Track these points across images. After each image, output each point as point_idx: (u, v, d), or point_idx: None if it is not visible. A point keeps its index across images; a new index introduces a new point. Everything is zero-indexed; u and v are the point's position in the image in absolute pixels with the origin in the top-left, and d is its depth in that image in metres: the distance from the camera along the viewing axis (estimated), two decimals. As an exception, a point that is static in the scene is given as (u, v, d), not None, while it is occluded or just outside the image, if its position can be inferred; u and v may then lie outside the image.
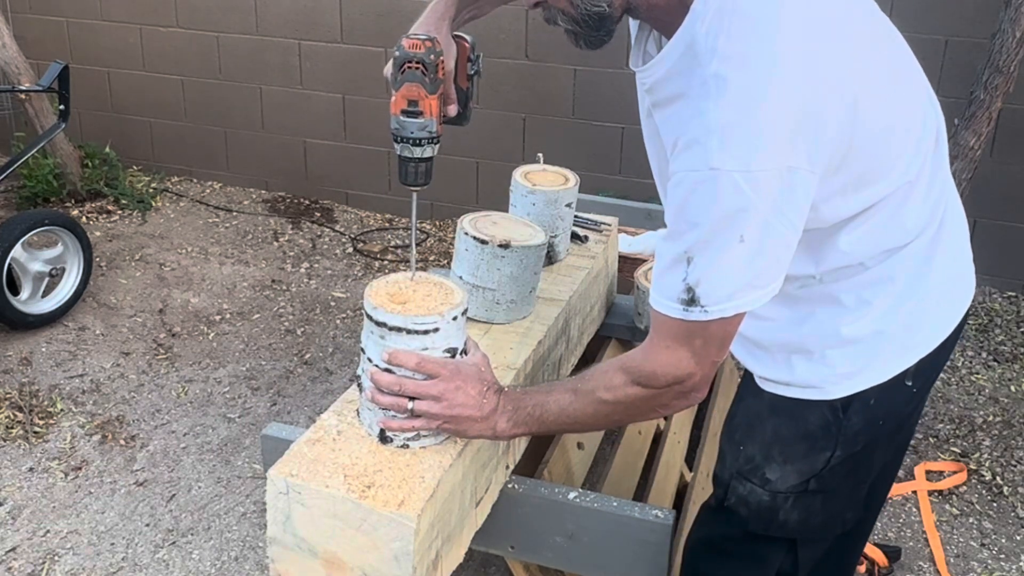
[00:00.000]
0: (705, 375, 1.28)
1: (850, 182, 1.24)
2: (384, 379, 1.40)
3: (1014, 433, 3.06)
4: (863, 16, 1.28)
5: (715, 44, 1.16)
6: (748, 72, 1.13)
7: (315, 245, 4.43)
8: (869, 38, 1.27)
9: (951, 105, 3.70)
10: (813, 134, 1.14)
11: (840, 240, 1.30)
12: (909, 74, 1.34)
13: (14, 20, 4.87)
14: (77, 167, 4.66)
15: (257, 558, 2.48)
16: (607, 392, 1.34)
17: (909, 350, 1.40)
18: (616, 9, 1.25)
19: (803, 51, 1.14)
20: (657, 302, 1.25)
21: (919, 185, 1.32)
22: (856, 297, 1.35)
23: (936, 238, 1.39)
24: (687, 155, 1.17)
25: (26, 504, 2.65)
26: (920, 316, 1.39)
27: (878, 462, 1.49)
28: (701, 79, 1.16)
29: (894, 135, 1.26)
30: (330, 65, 4.60)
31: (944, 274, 1.42)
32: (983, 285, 4.02)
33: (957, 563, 2.51)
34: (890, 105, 1.25)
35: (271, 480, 1.39)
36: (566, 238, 2.24)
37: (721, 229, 1.15)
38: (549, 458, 2.03)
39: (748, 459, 1.46)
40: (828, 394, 1.39)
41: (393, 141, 1.45)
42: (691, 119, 1.17)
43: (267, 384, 3.29)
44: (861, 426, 1.40)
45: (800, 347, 1.36)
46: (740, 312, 1.21)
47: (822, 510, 1.47)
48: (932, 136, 1.35)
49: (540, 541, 1.76)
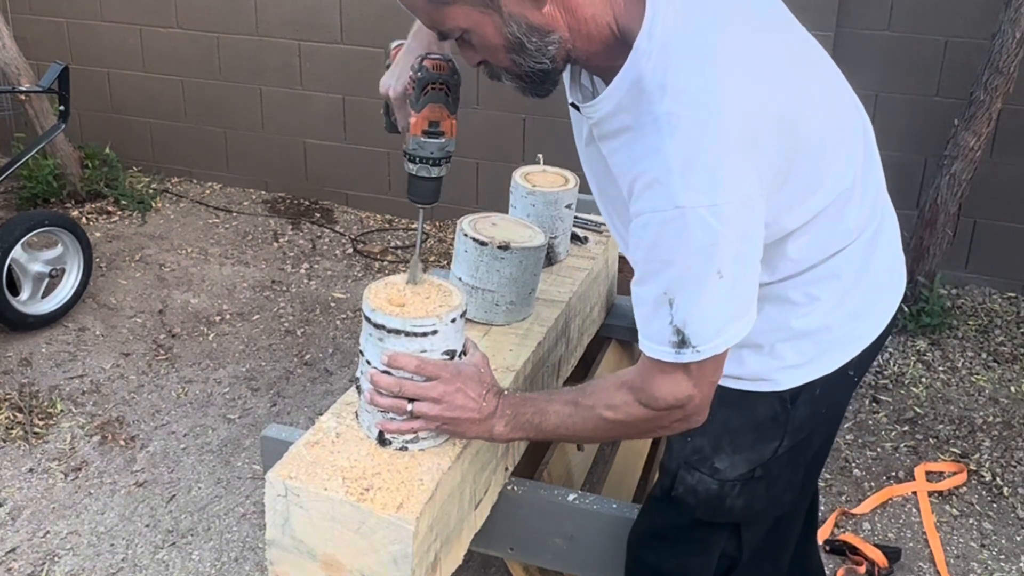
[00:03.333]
0: (705, 396, 1.30)
1: (794, 198, 1.28)
2: (383, 381, 1.40)
3: (1014, 434, 3.06)
4: (793, 40, 1.32)
5: (664, 81, 1.18)
6: (697, 108, 1.16)
7: (315, 246, 4.43)
8: (801, 58, 1.31)
9: (951, 105, 3.71)
10: (759, 159, 1.19)
11: (788, 249, 1.34)
12: (836, 85, 1.38)
13: (14, 21, 4.87)
14: (77, 168, 4.66)
15: (257, 559, 2.48)
16: (608, 410, 1.35)
17: (854, 341, 1.47)
18: (559, 63, 1.27)
19: (743, 82, 1.18)
20: (648, 348, 1.27)
21: (856, 188, 1.37)
22: (804, 294, 1.40)
23: (876, 234, 1.45)
24: (649, 195, 1.19)
25: (26, 505, 2.65)
26: (864, 307, 1.46)
27: (815, 447, 1.57)
28: (653, 116, 1.19)
29: (828, 146, 1.31)
30: (330, 65, 4.59)
31: (883, 267, 1.49)
32: (983, 286, 4.02)
33: (957, 564, 2.51)
34: (823, 120, 1.30)
35: (270, 482, 1.39)
36: (566, 239, 2.24)
37: (695, 265, 1.18)
38: (549, 460, 2.03)
39: (696, 449, 1.49)
40: (778, 386, 1.44)
41: (408, 161, 1.44)
42: (646, 156, 1.19)
43: (267, 385, 3.29)
44: (807, 416, 1.46)
45: (750, 342, 1.38)
46: (731, 345, 1.25)
47: (765, 495, 1.52)
48: (860, 140, 1.40)
49: (539, 543, 1.76)
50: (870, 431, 3.08)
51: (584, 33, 1.24)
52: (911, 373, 3.41)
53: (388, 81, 1.52)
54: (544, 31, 1.22)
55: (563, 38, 1.24)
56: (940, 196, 3.55)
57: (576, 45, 1.25)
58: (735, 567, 1.57)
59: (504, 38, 1.22)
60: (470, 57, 1.30)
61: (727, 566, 1.58)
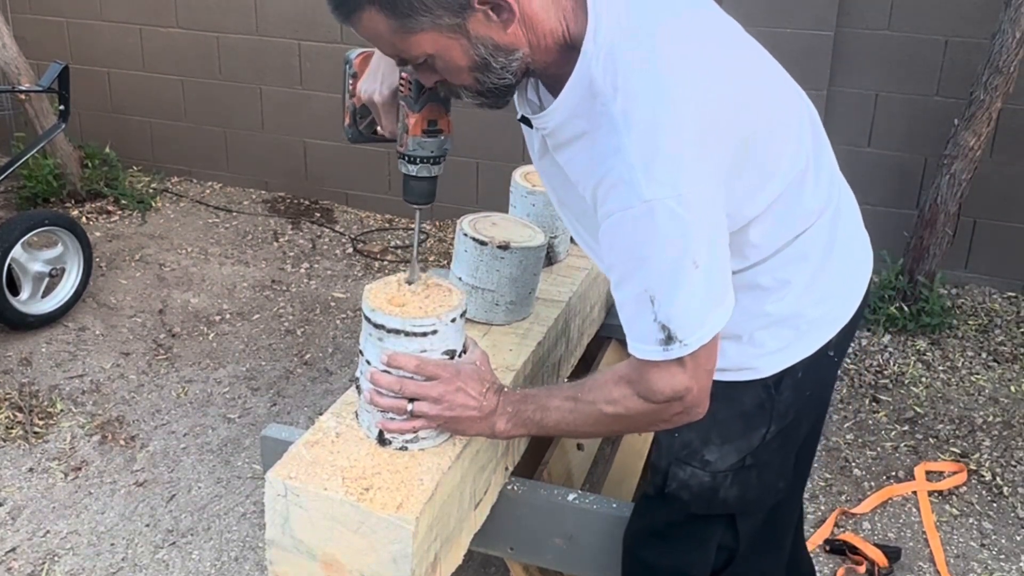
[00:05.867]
0: (702, 386, 1.31)
1: (752, 183, 1.30)
2: (384, 380, 1.41)
3: (1014, 433, 3.06)
4: (728, 33, 1.35)
5: (615, 82, 1.20)
6: (651, 104, 1.18)
7: (315, 245, 4.43)
8: (738, 49, 1.34)
9: (951, 105, 3.71)
10: (715, 147, 1.22)
11: (752, 235, 1.36)
12: (776, 74, 1.40)
13: (14, 20, 4.87)
14: (77, 167, 4.66)
15: (257, 559, 2.48)
16: (608, 405, 1.36)
17: (830, 321, 1.49)
18: (519, 77, 1.28)
19: (691, 75, 1.21)
20: (637, 349, 1.28)
21: (809, 171, 1.40)
22: (773, 278, 1.42)
23: (836, 214, 1.48)
24: (616, 195, 1.21)
25: (26, 504, 2.65)
26: (836, 286, 1.49)
27: (804, 431, 1.58)
28: (609, 117, 1.21)
29: (778, 130, 1.34)
30: (330, 65, 4.59)
31: (849, 245, 1.52)
32: (983, 285, 4.02)
33: (957, 563, 2.51)
34: (770, 106, 1.33)
35: (269, 482, 1.39)
36: (566, 239, 2.24)
37: (670, 258, 1.20)
38: (548, 459, 2.03)
39: (685, 444, 1.50)
40: (761, 373, 1.46)
41: (408, 163, 1.44)
42: (607, 157, 1.21)
43: (267, 384, 3.29)
44: (791, 400, 1.48)
45: (729, 333, 1.38)
46: (717, 332, 1.26)
47: (758, 483, 1.53)
48: (808, 125, 1.42)
49: (539, 543, 1.76)
50: (870, 431, 3.08)
51: (543, 47, 1.26)
52: (911, 373, 3.41)
53: (371, 87, 1.49)
54: (509, 49, 1.24)
55: (525, 53, 1.25)
56: (940, 196, 3.55)
57: (535, 58, 1.27)
58: (734, 558, 1.58)
59: (470, 59, 1.24)
60: (428, 78, 1.31)
61: (726, 558, 1.58)
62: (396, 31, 1.20)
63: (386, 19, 1.19)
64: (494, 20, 1.20)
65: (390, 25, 1.20)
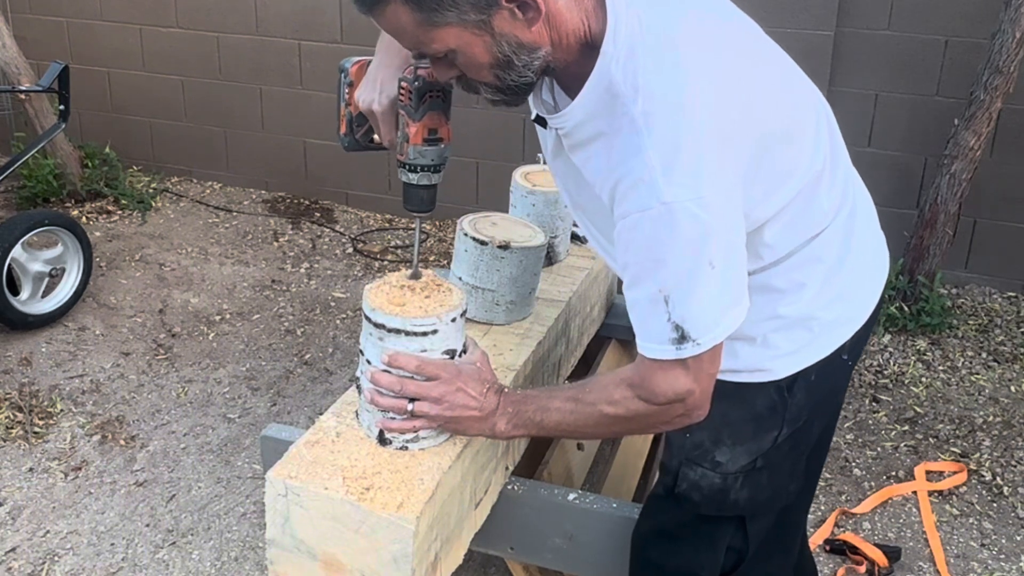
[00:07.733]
0: (704, 390, 1.31)
1: (768, 185, 1.30)
2: (384, 380, 1.41)
3: (1014, 433, 3.06)
4: (746, 34, 1.35)
5: (636, 82, 1.20)
6: (672, 105, 1.18)
7: (315, 245, 4.43)
8: (756, 51, 1.34)
9: (951, 105, 3.71)
10: (733, 149, 1.21)
11: (766, 236, 1.36)
12: (794, 75, 1.40)
13: (14, 20, 4.87)
14: (77, 167, 4.66)
15: (257, 558, 2.48)
16: (609, 406, 1.36)
17: (844, 324, 1.48)
18: (539, 75, 1.28)
19: (710, 77, 1.21)
20: (647, 348, 1.28)
21: (825, 172, 1.39)
22: (788, 280, 1.41)
23: (852, 215, 1.47)
24: (635, 195, 1.20)
25: (26, 504, 2.65)
26: (850, 289, 1.48)
27: (815, 434, 1.57)
28: (629, 117, 1.21)
29: (795, 132, 1.33)
30: (330, 65, 4.59)
31: (865, 247, 1.51)
32: (983, 285, 4.02)
33: (957, 563, 2.51)
34: (788, 106, 1.34)
35: (270, 482, 1.39)
36: (566, 239, 2.24)
37: (688, 259, 1.20)
38: (549, 459, 2.03)
39: (696, 444, 1.50)
40: (774, 375, 1.45)
41: (408, 172, 1.43)
42: (627, 158, 1.21)
43: (267, 384, 3.29)
44: (804, 402, 1.47)
45: (742, 335, 1.38)
46: (729, 333, 1.26)
47: (769, 485, 1.52)
48: (825, 126, 1.42)
49: (540, 542, 1.76)
50: (870, 431, 3.08)
51: (564, 46, 1.26)
52: (911, 373, 3.41)
53: (370, 96, 1.48)
54: (532, 48, 1.23)
55: (547, 52, 1.25)
56: (940, 196, 3.55)
57: (556, 57, 1.27)
58: (743, 560, 1.58)
59: (493, 56, 1.23)
60: (445, 73, 1.30)
61: (735, 560, 1.58)
62: (420, 24, 1.20)
63: (411, 12, 1.19)
64: (519, 18, 1.20)
65: (414, 18, 1.19)
